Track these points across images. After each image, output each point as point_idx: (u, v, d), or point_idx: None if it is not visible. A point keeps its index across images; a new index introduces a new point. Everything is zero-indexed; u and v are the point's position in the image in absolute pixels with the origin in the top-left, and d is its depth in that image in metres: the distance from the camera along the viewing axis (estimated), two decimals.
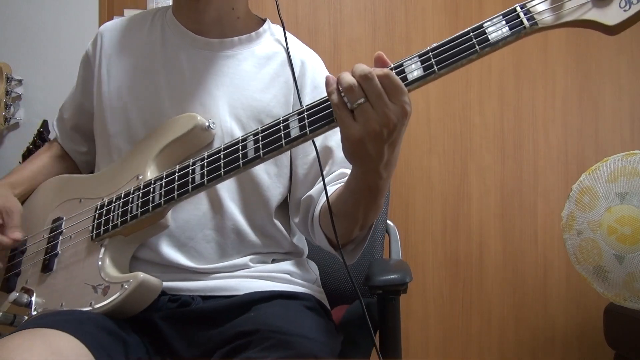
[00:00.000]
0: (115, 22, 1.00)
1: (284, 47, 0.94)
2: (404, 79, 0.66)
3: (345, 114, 0.64)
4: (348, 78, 0.64)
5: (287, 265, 0.92)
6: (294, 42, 0.97)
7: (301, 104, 0.87)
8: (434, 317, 2.00)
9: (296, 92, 0.91)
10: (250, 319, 0.79)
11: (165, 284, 0.82)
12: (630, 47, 2.06)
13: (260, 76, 0.91)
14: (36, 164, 1.02)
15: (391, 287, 0.93)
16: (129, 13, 1.71)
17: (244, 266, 0.88)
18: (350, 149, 0.66)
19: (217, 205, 0.87)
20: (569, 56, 2.05)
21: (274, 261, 0.92)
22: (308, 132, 0.69)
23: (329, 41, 1.98)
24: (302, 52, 0.96)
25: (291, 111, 0.73)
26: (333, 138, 0.90)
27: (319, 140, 0.89)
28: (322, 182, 0.85)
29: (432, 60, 0.65)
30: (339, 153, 0.90)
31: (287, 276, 0.90)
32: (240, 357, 0.71)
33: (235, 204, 0.88)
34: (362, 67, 0.63)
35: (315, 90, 0.93)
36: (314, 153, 0.88)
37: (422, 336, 2.00)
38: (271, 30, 0.97)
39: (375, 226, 1.21)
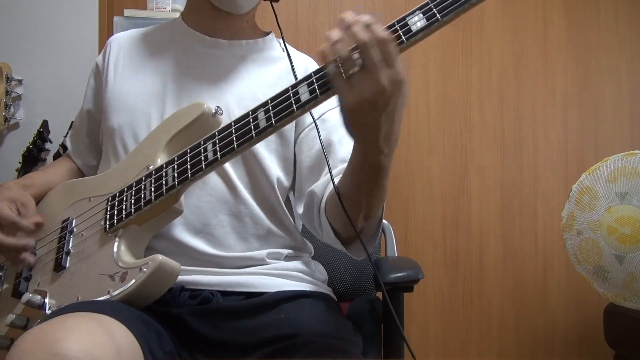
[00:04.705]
0: (124, 32, 1.04)
1: (287, 56, 0.96)
2: (408, 31, 0.66)
3: (342, 83, 0.64)
4: (342, 46, 0.63)
5: (299, 264, 0.93)
6: (295, 51, 1.02)
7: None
8: (434, 316, 2.01)
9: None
10: (283, 321, 0.79)
11: (184, 277, 0.81)
12: (631, 48, 2.07)
13: (267, 75, 0.95)
14: (49, 172, 1.02)
15: (404, 283, 0.96)
16: (129, 13, 1.71)
17: (261, 261, 0.88)
18: (347, 119, 0.67)
19: (230, 191, 0.87)
20: (569, 56, 2.06)
21: (286, 258, 0.92)
22: (319, 94, 0.68)
23: None
24: (304, 59, 1.01)
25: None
26: (336, 133, 0.91)
27: (322, 133, 0.90)
28: (325, 176, 0.86)
29: (434, 9, 0.66)
30: (340, 149, 0.91)
31: (302, 275, 0.91)
32: None
33: (246, 189, 0.89)
34: (364, 34, 0.62)
35: None
36: (319, 145, 0.89)
37: (422, 336, 2.00)
38: (276, 40, 1.02)
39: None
